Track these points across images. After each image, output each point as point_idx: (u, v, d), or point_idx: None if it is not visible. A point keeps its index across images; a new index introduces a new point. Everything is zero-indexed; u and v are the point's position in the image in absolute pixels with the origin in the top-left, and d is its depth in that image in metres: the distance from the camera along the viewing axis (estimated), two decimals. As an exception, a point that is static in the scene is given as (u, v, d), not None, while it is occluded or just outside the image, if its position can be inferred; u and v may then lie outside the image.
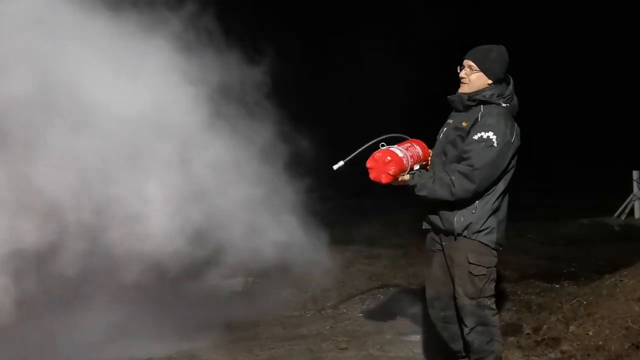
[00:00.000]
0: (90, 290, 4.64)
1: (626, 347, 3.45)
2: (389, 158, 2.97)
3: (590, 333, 3.69)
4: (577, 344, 3.67)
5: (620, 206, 9.51)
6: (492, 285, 3.14)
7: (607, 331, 3.63)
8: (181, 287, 5.43)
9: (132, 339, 4.42)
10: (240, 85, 4.53)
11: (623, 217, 9.43)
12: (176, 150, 4.22)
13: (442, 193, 3.00)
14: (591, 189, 11.46)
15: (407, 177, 3.05)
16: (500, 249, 3.16)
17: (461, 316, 3.16)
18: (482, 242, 3.07)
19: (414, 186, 3.05)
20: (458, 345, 3.34)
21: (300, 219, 5.26)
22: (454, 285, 3.16)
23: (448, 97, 3.23)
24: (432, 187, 3.01)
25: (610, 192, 10.00)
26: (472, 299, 3.09)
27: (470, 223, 3.04)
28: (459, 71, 3.20)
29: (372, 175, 3.00)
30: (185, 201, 4.25)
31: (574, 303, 4.22)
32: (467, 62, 3.17)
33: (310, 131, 5.23)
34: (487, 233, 3.07)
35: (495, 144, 2.96)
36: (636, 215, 9.55)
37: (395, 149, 3.05)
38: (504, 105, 3.09)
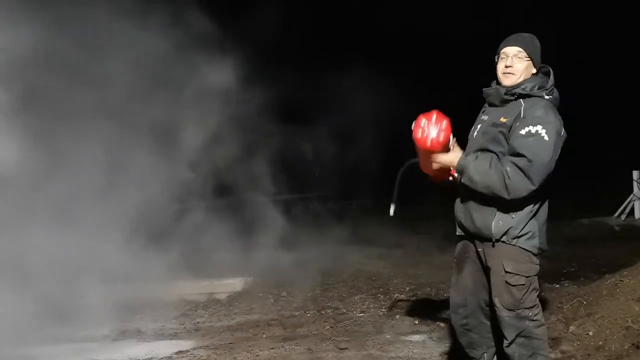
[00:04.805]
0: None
1: (626, 347, 3.44)
2: (432, 120, 2.78)
3: (590, 333, 3.68)
4: (577, 344, 3.66)
5: (620, 206, 9.52)
6: (534, 295, 2.87)
7: (607, 331, 3.62)
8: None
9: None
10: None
11: (623, 217, 9.45)
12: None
13: (496, 182, 2.70)
14: (591, 189, 11.47)
15: (457, 150, 2.82)
16: (542, 253, 2.90)
17: (500, 328, 2.92)
18: (522, 248, 2.82)
19: (462, 171, 2.78)
20: (474, 353, 3.16)
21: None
22: (490, 295, 2.93)
23: (484, 90, 2.95)
24: (487, 172, 2.71)
25: (610, 192, 10.02)
26: (510, 310, 2.84)
27: (510, 228, 2.78)
28: (496, 61, 2.91)
29: (430, 145, 2.78)
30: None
31: (574, 303, 4.21)
32: (512, 50, 2.85)
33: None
34: (529, 238, 2.82)
35: (546, 137, 2.67)
36: (636, 215, 9.56)
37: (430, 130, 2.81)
38: (547, 97, 2.82)
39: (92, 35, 5.04)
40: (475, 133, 2.96)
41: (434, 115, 2.81)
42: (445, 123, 2.79)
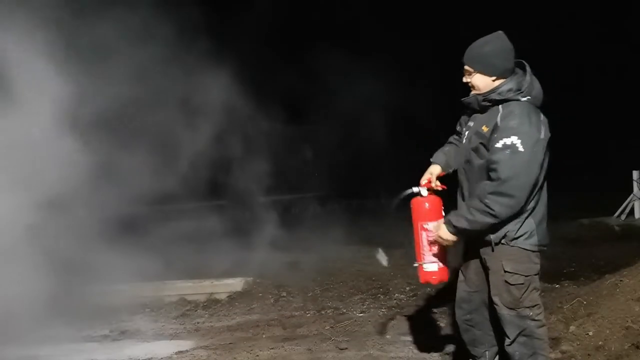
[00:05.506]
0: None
1: (626, 347, 3.44)
2: (434, 277, 3.19)
3: (590, 333, 3.68)
4: (577, 344, 3.66)
5: (620, 206, 9.52)
6: (534, 294, 2.90)
7: (607, 331, 3.62)
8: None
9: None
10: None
11: (623, 217, 9.44)
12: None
13: (485, 220, 2.78)
14: (591, 189, 11.46)
15: (444, 233, 2.96)
16: (544, 249, 2.92)
17: (502, 327, 2.95)
18: (522, 248, 2.85)
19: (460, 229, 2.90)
20: (476, 351, 3.18)
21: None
22: (489, 294, 2.98)
23: (462, 99, 3.00)
24: (472, 220, 2.81)
25: (610, 192, 10.01)
26: (511, 308, 2.88)
27: (508, 231, 2.84)
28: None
29: (443, 278, 3.17)
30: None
31: (574, 303, 4.21)
32: (464, 66, 2.94)
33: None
34: (527, 238, 2.85)
35: (521, 149, 2.70)
36: (636, 215, 9.56)
37: (426, 265, 3.21)
38: (523, 99, 2.81)
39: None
40: (464, 140, 3.02)
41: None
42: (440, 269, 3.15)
